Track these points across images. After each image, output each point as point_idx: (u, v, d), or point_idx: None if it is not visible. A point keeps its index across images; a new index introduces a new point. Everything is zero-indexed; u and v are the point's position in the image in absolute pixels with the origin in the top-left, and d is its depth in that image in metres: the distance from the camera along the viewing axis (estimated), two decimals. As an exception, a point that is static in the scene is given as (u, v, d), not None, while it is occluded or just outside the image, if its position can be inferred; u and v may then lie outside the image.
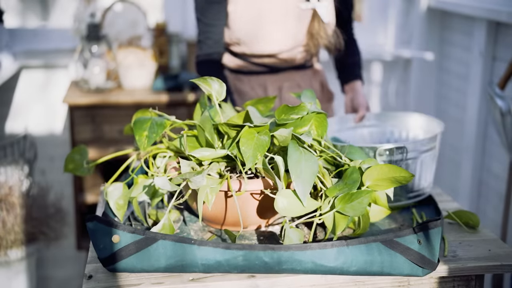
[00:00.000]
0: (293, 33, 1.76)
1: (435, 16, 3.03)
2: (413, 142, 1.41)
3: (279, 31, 1.74)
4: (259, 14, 1.73)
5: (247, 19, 1.73)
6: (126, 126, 1.46)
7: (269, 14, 1.73)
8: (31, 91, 2.93)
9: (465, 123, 2.76)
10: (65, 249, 3.02)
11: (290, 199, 1.17)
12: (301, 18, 1.75)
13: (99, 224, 1.14)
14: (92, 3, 2.77)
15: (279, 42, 1.76)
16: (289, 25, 1.75)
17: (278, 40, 1.75)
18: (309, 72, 1.92)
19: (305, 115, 1.30)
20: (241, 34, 1.75)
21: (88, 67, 2.67)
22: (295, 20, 1.75)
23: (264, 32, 1.74)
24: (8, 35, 2.85)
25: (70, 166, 1.44)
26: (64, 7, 3.00)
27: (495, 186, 2.59)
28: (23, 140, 2.76)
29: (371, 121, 1.68)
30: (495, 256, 1.22)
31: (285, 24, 1.74)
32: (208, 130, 1.26)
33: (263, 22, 1.73)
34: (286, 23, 1.74)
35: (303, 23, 1.76)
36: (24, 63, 2.86)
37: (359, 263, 1.12)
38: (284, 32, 1.75)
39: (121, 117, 2.63)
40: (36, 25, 3.03)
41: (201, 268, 1.12)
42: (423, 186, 1.46)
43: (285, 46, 1.77)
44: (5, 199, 2.48)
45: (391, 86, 3.22)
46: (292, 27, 1.75)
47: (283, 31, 1.75)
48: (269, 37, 1.75)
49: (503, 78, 2.21)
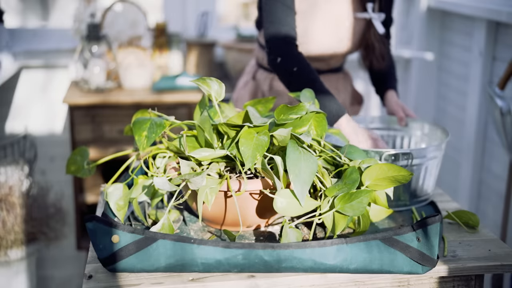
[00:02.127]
0: (342, 39, 1.76)
1: (435, 16, 3.03)
2: (420, 149, 1.40)
3: (328, 35, 1.74)
4: (314, 15, 1.73)
5: (301, 16, 1.72)
6: (126, 127, 1.46)
7: (323, 17, 1.73)
8: (31, 91, 2.93)
9: (465, 123, 2.76)
10: (65, 249, 3.02)
11: (289, 199, 1.17)
12: (354, 27, 1.76)
13: (98, 224, 1.14)
14: (92, 3, 2.77)
15: (325, 46, 1.76)
16: (341, 32, 1.75)
17: (325, 44, 1.75)
18: (341, 75, 1.93)
19: (304, 115, 1.30)
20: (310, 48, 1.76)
21: (88, 67, 2.67)
22: (347, 28, 1.75)
23: (314, 33, 1.74)
24: (8, 35, 2.85)
25: (72, 168, 1.45)
26: (64, 7, 3.00)
27: (495, 186, 2.58)
28: (23, 140, 2.76)
29: (375, 124, 1.68)
30: (495, 256, 1.22)
31: (336, 30, 1.74)
32: (207, 131, 1.26)
33: (315, 23, 1.73)
34: (338, 30, 1.74)
35: (355, 32, 1.77)
36: (24, 63, 2.86)
37: (359, 261, 1.13)
38: (333, 37, 1.75)
39: (121, 117, 2.63)
40: (36, 25, 3.03)
41: (201, 267, 1.12)
42: (426, 192, 1.47)
43: (329, 51, 1.77)
44: (5, 199, 2.48)
45: (391, 86, 3.22)
46: (344, 34, 1.75)
47: (333, 36, 1.75)
48: (317, 40, 1.75)
49: (503, 78, 2.21)
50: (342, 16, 1.74)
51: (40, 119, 2.96)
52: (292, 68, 1.61)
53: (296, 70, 1.60)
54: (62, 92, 2.91)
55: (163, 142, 1.38)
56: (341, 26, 1.74)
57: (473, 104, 2.69)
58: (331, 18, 1.73)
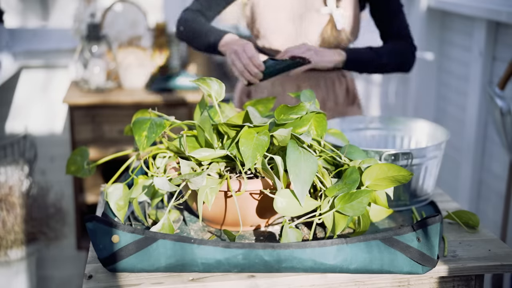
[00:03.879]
0: (305, 33, 1.77)
1: (435, 16, 3.03)
2: (420, 149, 1.40)
3: (292, 29, 1.76)
4: (278, 9, 1.75)
5: (268, 10, 1.76)
6: (126, 127, 1.46)
7: (288, 11, 1.75)
8: (31, 91, 2.93)
9: (465, 123, 2.76)
10: (65, 249, 3.02)
11: (289, 199, 1.17)
12: (318, 21, 1.76)
13: (98, 224, 1.14)
14: (92, 3, 2.78)
15: (289, 40, 1.78)
16: (304, 26, 1.76)
17: (289, 37, 1.77)
18: (333, 74, 1.91)
19: (304, 115, 1.30)
20: (260, 25, 1.78)
21: (88, 67, 2.67)
22: (311, 22, 1.76)
23: (279, 27, 1.76)
24: (8, 35, 2.85)
25: (72, 168, 1.45)
26: (64, 7, 3.00)
27: (495, 186, 2.59)
28: (23, 140, 2.76)
29: (375, 124, 1.67)
30: (495, 256, 1.22)
31: (300, 23, 1.75)
32: (207, 131, 1.26)
33: (280, 17, 1.76)
34: (302, 23, 1.76)
35: (319, 26, 1.77)
36: (24, 63, 2.86)
37: (359, 261, 1.12)
38: (297, 31, 1.77)
39: (121, 117, 2.63)
40: (36, 25, 3.03)
41: (201, 267, 1.12)
42: (426, 192, 1.47)
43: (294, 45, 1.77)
44: (5, 199, 2.48)
45: (391, 86, 3.22)
46: (307, 28, 1.76)
47: (296, 30, 1.76)
48: (282, 33, 1.77)
49: (503, 78, 2.21)
50: (307, 9, 1.75)
51: (40, 119, 2.96)
52: (188, 28, 1.72)
53: (189, 26, 1.71)
54: (62, 92, 2.91)
55: (163, 142, 1.38)
56: (304, 20, 1.75)
57: (473, 104, 2.69)
58: (293, 11, 1.75)
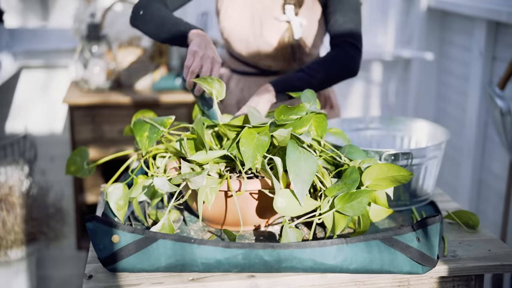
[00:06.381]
0: (264, 38, 1.75)
1: (435, 16, 3.03)
2: (420, 149, 1.40)
3: (251, 32, 1.75)
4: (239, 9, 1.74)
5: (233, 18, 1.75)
6: (126, 127, 1.46)
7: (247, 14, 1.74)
8: (31, 91, 2.93)
9: (465, 123, 2.76)
10: (65, 249, 3.02)
11: (289, 199, 1.17)
12: (278, 27, 1.74)
13: (98, 224, 1.14)
14: (92, 3, 2.77)
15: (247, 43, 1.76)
16: (264, 31, 1.74)
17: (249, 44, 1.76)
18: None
19: (304, 115, 1.30)
20: (226, 32, 1.77)
21: (88, 67, 2.67)
22: (270, 28, 1.74)
23: (239, 28, 1.75)
24: (8, 35, 2.85)
25: (71, 168, 1.45)
26: (64, 7, 3.00)
27: (495, 186, 2.59)
28: (23, 140, 2.76)
29: (375, 124, 1.67)
30: (495, 256, 1.22)
31: (260, 28, 1.74)
32: (200, 133, 1.26)
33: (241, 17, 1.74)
34: (262, 28, 1.74)
35: (278, 34, 1.75)
36: (24, 63, 2.86)
37: (359, 261, 1.13)
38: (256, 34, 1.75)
39: (121, 117, 2.63)
40: (36, 25, 3.03)
41: (201, 267, 1.12)
42: (426, 192, 1.47)
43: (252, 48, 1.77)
44: (5, 199, 2.48)
45: (391, 86, 3.22)
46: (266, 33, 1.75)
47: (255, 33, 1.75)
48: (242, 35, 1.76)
49: (503, 78, 2.21)
50: (267, 16, 1.73)
51: (40, 119, 2.96)
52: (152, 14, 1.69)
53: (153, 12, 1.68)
54: (62, 92, 2.91)
55: (163, 143, 1.38)
56: (263, 25, 1.74)
57: (473, 104, 2.69)
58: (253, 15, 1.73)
